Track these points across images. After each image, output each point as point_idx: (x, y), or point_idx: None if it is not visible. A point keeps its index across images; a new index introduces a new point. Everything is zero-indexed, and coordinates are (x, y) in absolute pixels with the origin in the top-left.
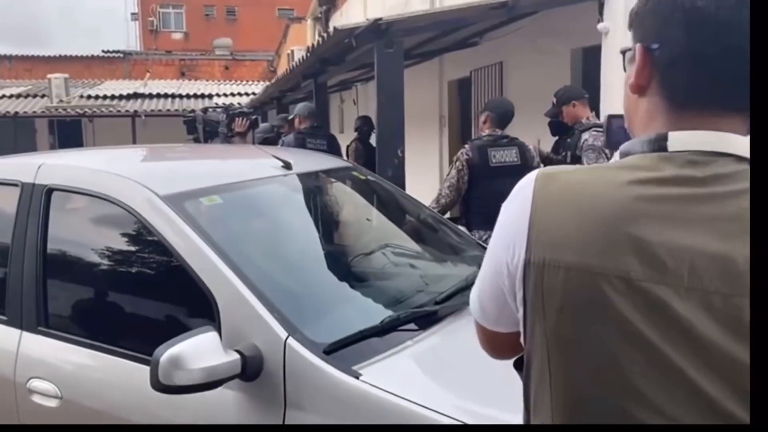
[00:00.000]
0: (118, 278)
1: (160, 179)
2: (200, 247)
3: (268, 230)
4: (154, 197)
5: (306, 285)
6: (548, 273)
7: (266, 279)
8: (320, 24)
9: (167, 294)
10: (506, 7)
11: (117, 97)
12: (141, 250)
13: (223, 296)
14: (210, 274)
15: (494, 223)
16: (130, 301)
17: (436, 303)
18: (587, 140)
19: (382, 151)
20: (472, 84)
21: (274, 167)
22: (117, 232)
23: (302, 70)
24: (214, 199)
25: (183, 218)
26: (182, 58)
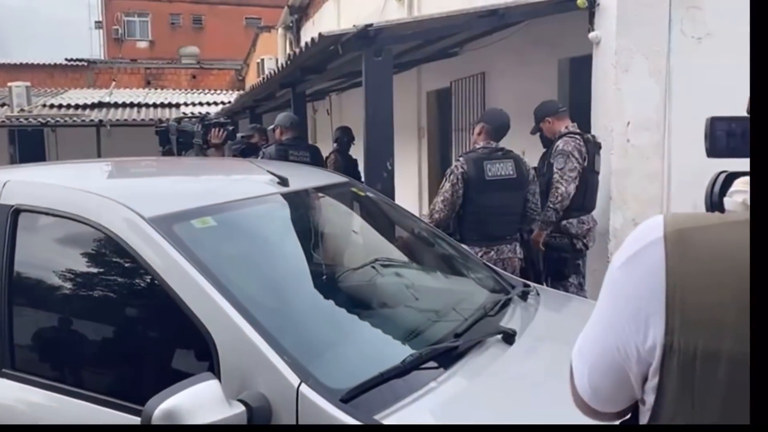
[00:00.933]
0: (97, 314)
1: (145, 199)
2: (194, 279)
3: (269, 257)
4: (138, 220)
5: (315, 320)
6: (704, 364)
7: (271, 315)
8: (291, 33)
9: (156, 333)
10: (496, 15)
11: (81, 107)
12: (123, 280)
13: (222, 336)
14: (207, 310)
15: (490, 239)
16: (112, 340)
17: (456, 335)
18: (558, 146)
19: (370, 164)
20: (452, 95)
21: (269, 184)
22: (95, 260)
23: (280, 78)
24: (206, 222)
25: (173, 244)
26: (148, 67)
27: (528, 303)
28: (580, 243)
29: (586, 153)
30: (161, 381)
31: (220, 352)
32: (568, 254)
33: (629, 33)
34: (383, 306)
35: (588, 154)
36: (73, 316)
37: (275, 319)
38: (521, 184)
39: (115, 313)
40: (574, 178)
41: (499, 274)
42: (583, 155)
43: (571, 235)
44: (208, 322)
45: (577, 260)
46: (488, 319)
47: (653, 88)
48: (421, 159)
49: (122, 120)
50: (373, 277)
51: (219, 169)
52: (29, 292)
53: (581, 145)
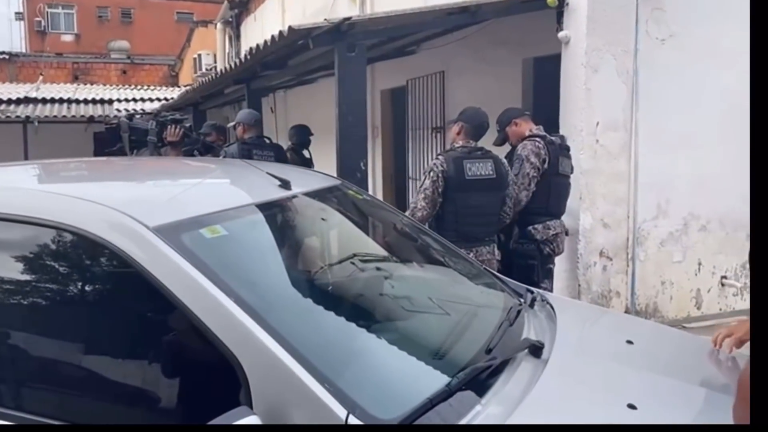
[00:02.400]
0: (92, 341)
1: (146, 205)
2: (217, 298)
3: (288, 268)
4: (142, 229)
5: (348, 339)
6: None
7: (303, 336)
8: (231, 28)
9: (175, 361)
10: (467, 13)
11: (5, 102)
12: (126, 300)
13: (253, 363)
14: (233, 333)
15: (469, 240)
16: (120, 374)
17: (488, 351)
18: (517, 150)
19: (343, 164)
20: (408, 93)
21: (273, 187)
22: (89, 277)
23: (236, 73)
24: (216, 230)
25: (185, 257)
26: (75, 61)
27: (536, 310)
28: (548, 248)
29: (548, 156)
30: (181, 413)
31: (251, 382)
32: (535, 261)
33: (599, 33)
34: (410, 318)
35: (550, 157)
36: (64, 345)
37: (308, 340)
38: (500, 184)
39: (120, 340)
40: (526, 184)
41: (503, 280)
42: (542, 158)
43: (536, 241)
44: (234, 344)
45: (548, 265)
46: (510, 329)
47: (621, 88)
48: (374, 159)
49: (51, 116)
50: (392, 285)
51: (213, 171)
52: (18, 317)
53: (540, 148)
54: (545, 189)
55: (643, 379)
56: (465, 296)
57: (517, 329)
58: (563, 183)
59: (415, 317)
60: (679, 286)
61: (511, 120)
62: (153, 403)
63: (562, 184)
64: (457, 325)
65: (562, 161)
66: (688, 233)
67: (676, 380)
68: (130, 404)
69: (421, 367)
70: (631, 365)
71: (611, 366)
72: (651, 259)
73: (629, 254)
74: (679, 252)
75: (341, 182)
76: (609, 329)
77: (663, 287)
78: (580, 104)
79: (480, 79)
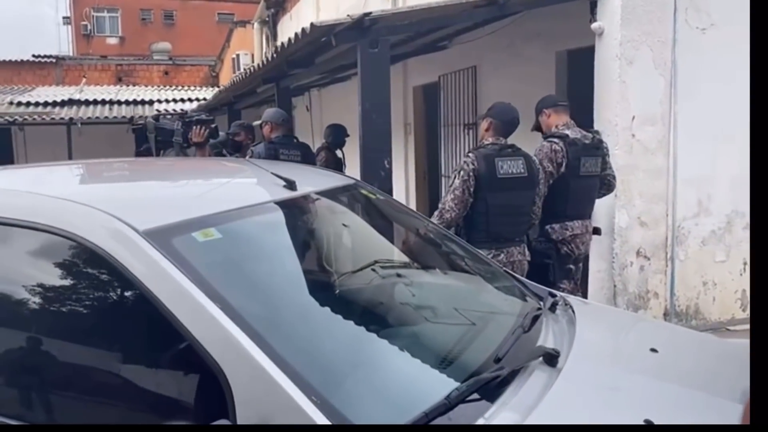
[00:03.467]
0: (79, 349)
1: (137, 208)
2: (202, 304)
3: (285, 274)
4: (131, 233)
5: (342, 348)
6: None
7: (295, 346)
8: (268, 28)
9: (157, 369)
10: (496, 5)
11: (50, 104)
12: (111, 309)
13: (237, 372)
14: (218, 342)
15: (500, 241)
16: (102, 381)
17: (496, 360)
18: (534, 151)
19: (367, 163)
20: (440, 89)
21: (275, 187)
22: (76, 282)
23: (264, 72)
24: (210, 234)
25: (174, 262)
26: (119, 63)
27: (557, 315)
28: (566, 248)
29: (566, 158)
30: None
31: (234, 392)
32: (550, 260)
33: (634, 23)
34: (411, 324)
35: (569, 158)
36: (50, 350)
37: (299, 350)
38: (532, 183)
39: (103, 348)
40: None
41: (523, 283)
42: (558, 162)
43: (553, 241)
44: (218, 354)
45: (567, 265)
46: (525, 336)
47: (658, 80)
48: (407, 156)
49: (94, 117)
50: (396, 290)
51: (217, 171)
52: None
53: (557, 151)
54: (563, 191)
55: (664, 392)
56: (477, 301)
57: (533, 336)
58: (587, 185)
59: (420, 325)
60: (723, 286)
61: (542, 110)
62: (135, 410)
63: (584, 186)
64: (466, 332)
65: (586, 162)
66: (732, 231)
67: (702, 393)
68: (109, 412)
69: (421, 378)
70: (652, 376)
71: (630, 377)
72: (692, 259)
73: (668, 254)
74: (723, 251)
75: (355, 182)
76: (633, 336)
77: (705, 288)
78: (614, 98)
79: (512, 74)
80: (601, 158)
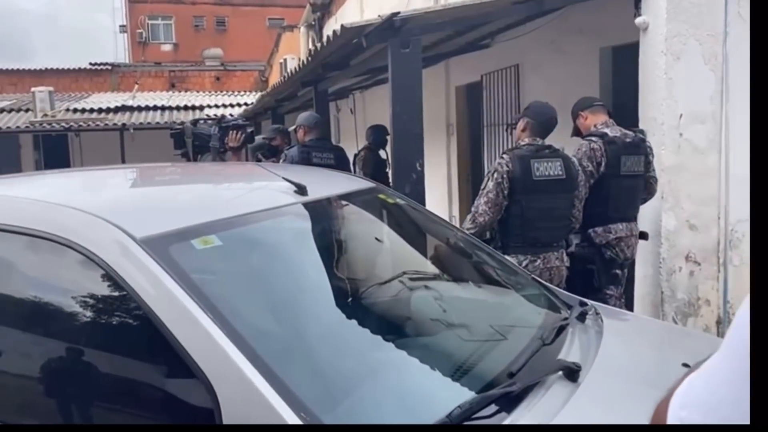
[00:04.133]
0: (75, 358)
1: (136, 215)
2: (194, 315)
3: (285, 284)
4: (127, 241)
5: (339, 360)
6: None
7: (284, 357)
8: (314, 31)
9: (149, 382)
10: (534, 2)
11: (104, 110)
12: (108, 318)
13: (226, 389)
14: (206, 353)
15: (536, 246)
16: (91, 391)
17: (510, 375)
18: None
19: (398, 165)
20: (483, 89)
21: (284, 193)
22: (74, 290)
23: (301, 76)
24: (209, 241)
25: (168, 271)
26: (172, 70)
27: (587, 325)
28: (610, 252)
29: (605, 157)
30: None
31: (222, 406)
32: (594, 265)
33: (681, 17)
34: (419, 335)
35: (608, 157)
36: (46, 359)
37: (292, 364)
38: (570, 185)
39: (96, 358)
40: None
41: (551, 290)
42: (597, 161)
43: (596, 245)
44: (207, 367)
45: (613, 270)
46: (545, 348)
47: (708, 76)
48: (450, 158)
49: (145, 123)
50: (405, 297)
51: (226, 176)
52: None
53: (595, 150)
54: (603, 192)
55: None
56: (495, 310)
57: (555, 348)
58: (629, 185)
59: (432, 336)
60: None
61: (578, 113)
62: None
63: (627, 186)
64: (480, 345)
65: (626, 160)
66: None
67: None
68: (96, 417)
69: (425, 394)
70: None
71: (654, 394)
72: (747, 264)
73: (720, 258)
74: None
75: (373, 186)
76: (665, 348)
77: None
78: (660, 95)
79: (555, 71)
80: (644, 157)
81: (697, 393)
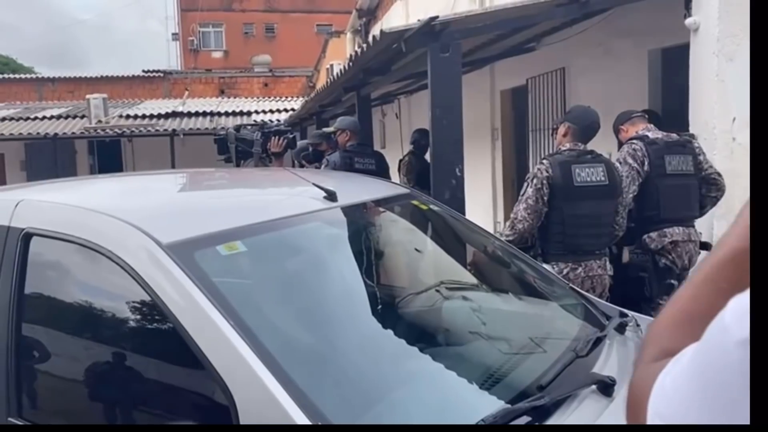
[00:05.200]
0: (108, 359)
1: (164, 221)
2: (216, 323)
3: (310, 291)
4: (153, 246)
5: (374, 377)
6: None
7: (311, 372)
8: (360, 37)
9: (170, 386)
10: (577, 3)
11: (155, 116)
12: (138, 322)
13: (246, 398)
14: (227, 362)
15: (578, 254)
16: (122, 391)
17: (540, 387)
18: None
19: (437, 170)
20: (528, 93)
21: (314, 198)
22: (109, 297)
23: (344, 81)
24: (234, 247)
25: (192, 278)
26: (221, 76)
27: (626, 337)
28: (665, 260)
29: (647, 156)
30: None
31: (241, 416)
32: (646, 273)
33: (734, 16)
34: (449, 344)
35: (650, 157)
36: (83, 359)
37: (315, 375)
38: (613, 191)
39: (127, 361)
40: (627, 188)
41: (590, 300)
42: (641, 160)
43: (651, 251)
44: (227, 375)
45: (666, 279)
46: (579, 361)
47: None
48: (495, 163)
49: (195, 129)
50: (437, 306)
51: (255, 182)
52: (39, 330)
53: (636, 150)
54: (652, 194)
55: None
56: (529, 322)
57: (590, 361)
58: (679, 184)
59: (463, 346)
60: None
61: (619, 128)
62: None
63: (677, 186)
64: (511, 356)
65: (671, 160)
66: None
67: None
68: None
69: (451, 407)
70: None
71: None
72: None
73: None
74: None
75: (408, 191)
76: None
77: None
78: (712, 98)
79: (602, 75)
80: (692, 156)
81: (669, 399)
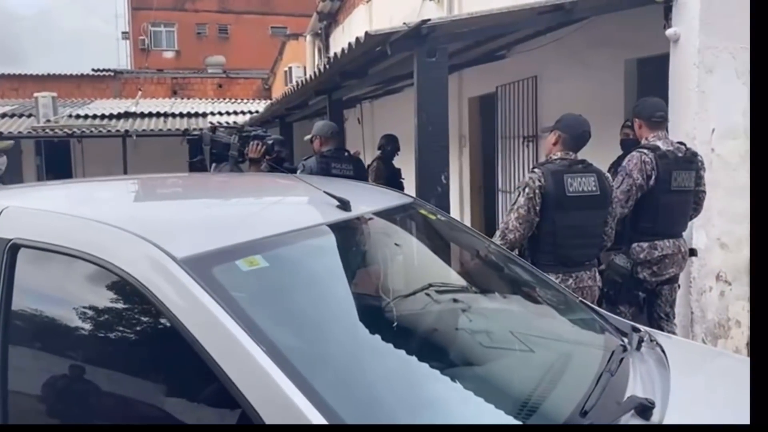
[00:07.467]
0: (111, 386)
1: (176, 232)
2: (244, 346)
3: (338, 309)
4: (167, 261)
5: (397, 394)
6: None
7: (342, 392)
8: (320, 40)
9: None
10: (561, 11)
11: (107, 117)
12: (147, 342)
13: (276, 421)
14: (257, 386)
15: (568, 265)
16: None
17: (583, 413)
18: (624, 161)
19: (423, 178)
20: (497, 100)
21: (328, 208)
22: (111, 315)
23: (317, 84)
24: (255, 262)
25: (214, 295)
26: (174, 77)
27: (642, 354)
28: (646, 272)
29: (656, 170)
30: None
31: None
32: (619, 279)
33: (714, 28)
34: (479, 364)
35: (659, 172)
36: (81, 384)
37: (347, 396)
38: (604, 202)
39: (135, 388)
40: (624, 201)
41: (602, 315)
42: (648, 174)
43: (635, 261)
44: (257, 400)
45: (635, 291)
46: (612, 381)
47: (741, 90)
48: (462, 170)
49: (148, 130)
50: (460, 322)
51: (267, 190)
52: (27, 355)
53: (646, 163)
54: (652, 207)
55: None
56: (554, 338)
57: (621, 381)
58: (679, 200)
59: (490, 364)
60: None
61: (634, 117)
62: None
63: (676, 201)
64: (543, 376)
65: (678, 176)
66: None
67: None
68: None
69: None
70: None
71: None
72: None
73: None
74: None
75: (413, 200)
76: (737, 380)
77: None
78: (692, 109)
79: (576, 84)
80: (695, 172)
81: None
